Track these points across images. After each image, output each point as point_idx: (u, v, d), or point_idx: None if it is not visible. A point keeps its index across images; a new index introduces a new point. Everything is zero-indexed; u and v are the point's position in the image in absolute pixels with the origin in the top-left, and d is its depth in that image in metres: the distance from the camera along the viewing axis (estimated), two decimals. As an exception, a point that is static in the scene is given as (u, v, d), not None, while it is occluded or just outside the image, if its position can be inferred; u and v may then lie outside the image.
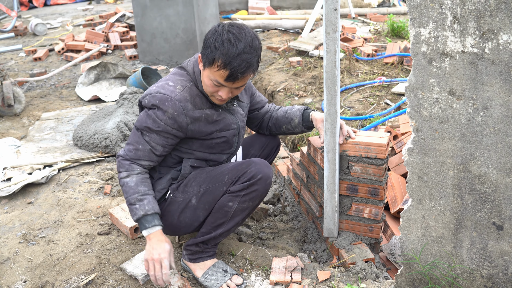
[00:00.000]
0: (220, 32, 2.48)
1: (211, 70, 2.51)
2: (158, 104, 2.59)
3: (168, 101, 2.58)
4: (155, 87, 2.66)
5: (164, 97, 2.59)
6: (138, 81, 6.00)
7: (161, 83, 2.68)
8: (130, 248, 3.15)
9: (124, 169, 2.68)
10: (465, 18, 2.04)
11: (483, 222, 2.31)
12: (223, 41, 2.44)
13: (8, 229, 3.48)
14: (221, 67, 2.46)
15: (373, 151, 2.76)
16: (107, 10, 14.02)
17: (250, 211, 2.75)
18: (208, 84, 2.58)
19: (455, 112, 2.19)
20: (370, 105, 5.16)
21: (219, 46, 2.45)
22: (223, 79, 2.51)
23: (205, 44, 2.54)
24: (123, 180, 2.67)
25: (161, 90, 2.62)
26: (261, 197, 2.70)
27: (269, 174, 2.67)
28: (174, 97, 2.59)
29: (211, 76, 2.53)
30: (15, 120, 6.05)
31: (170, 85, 2.65)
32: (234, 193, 2.64)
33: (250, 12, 12.05)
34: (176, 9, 7.89)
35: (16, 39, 10.84)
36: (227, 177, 2.67)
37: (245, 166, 2.66)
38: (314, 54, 7.01)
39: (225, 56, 2.44)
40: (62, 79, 7.76)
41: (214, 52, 2.46)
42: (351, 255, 2.86)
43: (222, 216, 2.70)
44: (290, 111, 3.14)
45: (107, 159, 4.68)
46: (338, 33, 2.46)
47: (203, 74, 2.60)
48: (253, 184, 2.62)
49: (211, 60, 2.48)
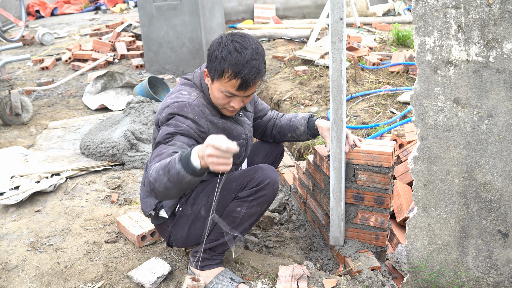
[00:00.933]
0: (224, 43, 2.50)
1: (221, 82, 2.52)
2: (177, 111, 2.56)
3: (187, 106, 2.57)
4: (169, 100, 2.64)
5: (182, 104, 2.57)
6: (144, 90, 6.03)
7: (174, 94, 2.67)
8: (137, 256, 3.16)
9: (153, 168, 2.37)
10: (469, 27, 2.06)
11: (488, 230, 2.32)
12: (229, 51, 2.46)
13: (16, 237, 3.50)
14: (232, 77, 2.47)
15: (379, 160, 2.77)
16: (113, 19, 14.10)
17: (257, 216, 2.76)
18: (219, 97, 2.59)
19: (460, 120, 2.21)
20: (376, 114, 5.17)
21: (227, 56, 2.46)
22: (235, 89, 2.52)
23: (210, 57, 2.55)
24: (150, 178, 2.34)
25: (176, 100, 2.61)
26: (268, 202, 2.71)
27: (277, 179, 2.68)
28: (192, 102, 2.59)
29: (222, 88, 2.54)
30: (22, 129, 6.09)
31: (184, 93, 2.65)
32: (242, 199, 2.66)
33: (256, 21, 12.11)
34: (183, 18, 7.94)
35: (23, 49, 10.92)
36: (235, 184, 2.68)
37: (252, 172, 2.67)
38: (320, 63, 7.04)
39: (235, 66, 2.45)
40: (69, 88, 7.81)
41: (223, 63, 2.47)
42: (357, 263, 2.87)
43: (230, 222, 2.70)
44: (294, 119, 3.15)
45: (114, 168, 4.70)
46: (344, 42, 2.48)
47: (212, 87, 2.61)
48: (261, 189, 2.63)
49: (221, 72, 2.49)
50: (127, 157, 4.75)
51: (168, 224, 2.86)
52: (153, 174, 2.32)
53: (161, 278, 2.86)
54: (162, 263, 2.96)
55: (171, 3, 7.89)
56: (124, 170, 4.67)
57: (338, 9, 2.41)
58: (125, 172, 4.61)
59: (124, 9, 16.70)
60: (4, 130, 6.03)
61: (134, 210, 3.77)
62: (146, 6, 8.06)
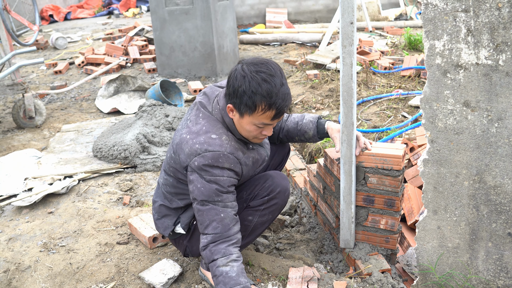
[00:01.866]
0: (249, 75, 2.37)
1: (254, 116, 2.42)
2: (212, 163, 2.45)
3: (221, 157, 2.46)
4: (198, 145, 2.48)
5: (216, 154, 2.45)
6: (157, 94, 6.07)
7: (203, 138, 2.50)
8: (148, 257, 3.19)
9: (220, 255, 2.48)
10: (479, 30, 2.07)
11: (498, 232, 2.32)
12: (258, 83, 2.35)
13: (29, 238, 3.54)
14: (266, 109, 2.39)
15: (389, 163, 2.77)
16: (126, 24, 14.18)
17: (269, 223, 2.77)
18: (251, 130, 2.50)
19: (469, 123, 2.21)
20: (387, 117, 5.17)
21: (257, 89, 2.35)
22: (269, 119, 2.44)
23: (236, 92, 2.41)
24: (220, 269, 2.46)
25: (208, 148, 2.46)
26: (280, 209, 2.72)
27: (287, 186, 2.67)
28: (225, 151, 2.47)
29: (255, 121, 2.45)
30: (36, 131, 6.14)
31: (214, 138, 2.50)
32: (253, 208, 2.66)
33: (268, 25, 12.14)
34: (195, 23, 7.98)
35: (37, 53, 11.02)
36: (246, 194, 2.68)
37: (263, 181, 2.66)
38: (331, 67, 7.05)
39: (268, 98, 2.36)
40: (82, 92, 7.87)
41: (254, 97, 2.36)
42: (367, 266, 2.87)
43: (242, 230, 2.71)
44: (301, 122, 3.03)
45: (126, 170, 4.73)
46: (354, 46, 2.49)
47: (242, 122, 2.49)
48: (272, 198, 2.63)
49: (253, 107, 2.39)
50: (139, 159, 4.78)
51: (184, 238, 2.88)
52: (218, 274, 2.45)
53: (172, 279, 2.89)
54: (173, 264, 2.98)
55: (183, 7, 7.93)
56: (136, 172, 4.70)
57: (349, 13, 2.43)
58: (137, 175, 4.64)
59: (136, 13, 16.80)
60: (18, 133, 6.09)
61: (145, 212, 3.80)
62: (159, 10, 8.11)
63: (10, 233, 3.64)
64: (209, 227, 2.49)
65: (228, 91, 2.46)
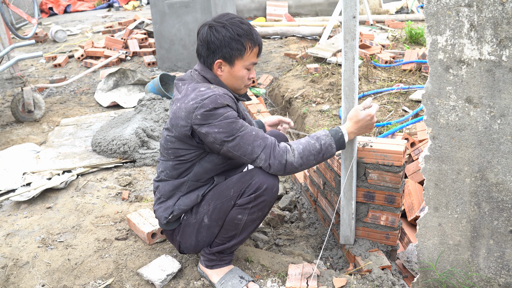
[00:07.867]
0: (227, 24, 2.57)
1: (245, 58, 2.62)
2: (213, 106, 2.48)
3: (218, 97, 2.50)
4: (191, 102, 2.52)
5: (213, 98, 2.49)
6: (156, 88, 6.05)
7: (193, 94, 2.55)
8: (147, 253, 3.17)
9: (286, 154, 2.54)
10: (482, 25, 2.04)
11: (500, 230, 2.30)
12: (239, 26, 2.58)
13: (27, 234, 3.52)
14: (252, 47, 2.62)
15: (390, 158, 2.75)
16: (126, 17, 14.15)
17: (261, 219, 2.74)
18: (243, 74, 2.67)
19: (472, 120, 2.19)
20: (388, 112, 5.15)
21: (240, 32, 2.57)
22: (256, 56, 2.67)
23: (222, 43, 2.57)
24: (294, 164, 2.54)
25: (203, 97, 2.51)
26: (269, 205, 2.69)
27: (275, 183, 2.62)
28: (219, 93, 2.52)
29: (246, 63, 2.64)
30: (35, 125, 6.12)
31: (203, 89, 2.56)
32: (242, 206, 2.63)
33: (268, 19, 12.09)
34: (195, 16, 7.94)
35: (36, 46, 10.99)
36: (233, 191, 2.65)
37: (249, 178, 2.62)
38: (332, 61, 7.01)
39: (250, 35, 2.59)
40: (82, 86, 7.85)
41: (240, 39, 2.57)
42: (367, 262, 2.85)
43: (233, 229, 2.70)
44: None
45: (125, 165, 4.71)
46: (356, 40, 2.46)
47: (234, 71, 2.65)
48: (259, 195, 2.59)
49: (242, 48, 2.59)
50: (138, 154, 4.76)
51: (176, 233, 2.86)
52: (299, 161, 2.53)
53: (171, 275, 2.87)
54: (172, 260, 2.96)
55: (183, 0, 7.89)
56: (135, 167, 4.68)
57: (351, 7, 2.40)
58: (136, 169, 4.62)
59: (136, 6, 16.77)
60: (16, 127, 6.07)
61: (144, 207, 3.78)
62: (158, 3, 8.08)
63: (8, 229, 3.62)
64: (255, 150, 2.54)
65: (211, 49, 2.61)
